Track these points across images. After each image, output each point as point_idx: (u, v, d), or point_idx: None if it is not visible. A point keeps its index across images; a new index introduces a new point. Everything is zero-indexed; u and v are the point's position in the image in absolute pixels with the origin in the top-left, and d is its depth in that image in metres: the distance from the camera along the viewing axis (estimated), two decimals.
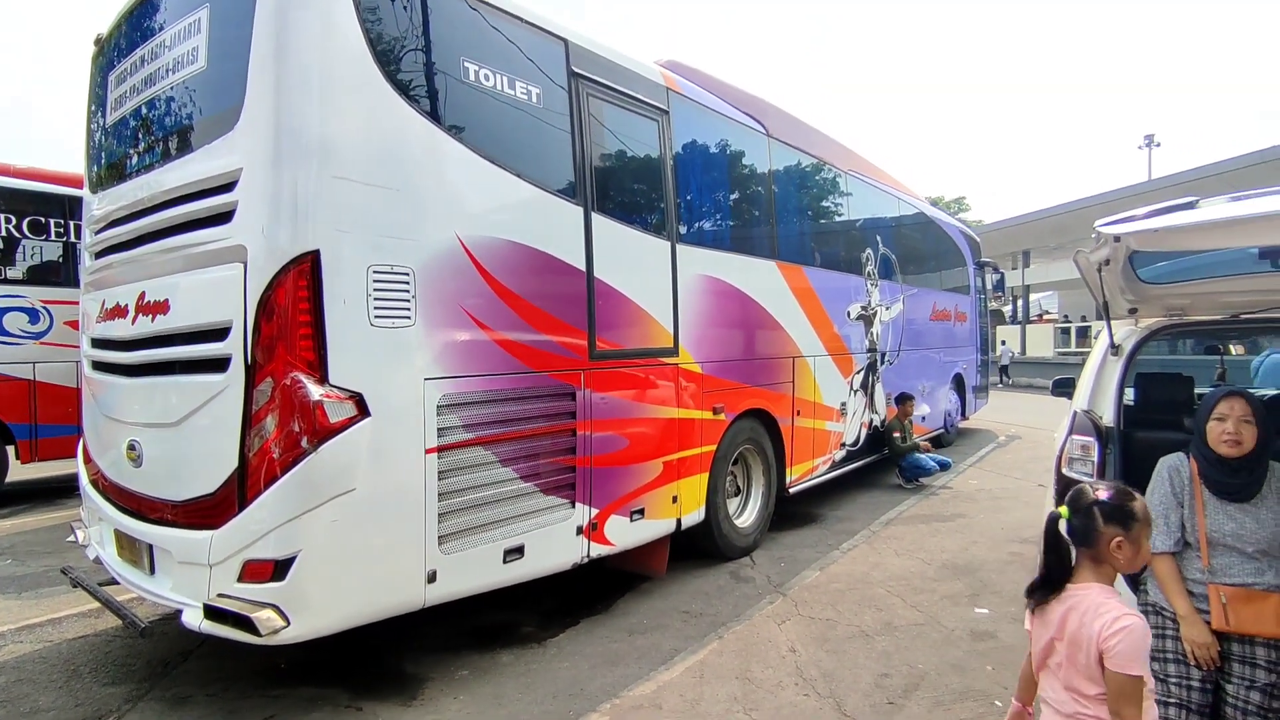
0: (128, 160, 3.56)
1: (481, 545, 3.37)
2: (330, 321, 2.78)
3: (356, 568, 2.90)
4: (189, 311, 3.03)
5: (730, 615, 4.30)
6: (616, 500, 4.18)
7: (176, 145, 3.21)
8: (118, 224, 3.55)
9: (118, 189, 3.58)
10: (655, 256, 4.51)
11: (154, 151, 3.34)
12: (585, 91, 4.05)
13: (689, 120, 4.94)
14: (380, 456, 2.93)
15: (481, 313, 3.36)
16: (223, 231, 2.87)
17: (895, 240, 8.43)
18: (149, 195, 3.27)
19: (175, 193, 3.10)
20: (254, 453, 2.75)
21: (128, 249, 3.46)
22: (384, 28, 3.03)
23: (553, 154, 3.86)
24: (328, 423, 2.74)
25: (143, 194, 3.32)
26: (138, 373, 3.36)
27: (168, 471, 3.17)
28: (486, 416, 3.38)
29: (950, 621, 4.13)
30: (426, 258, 3.13)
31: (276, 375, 2.72)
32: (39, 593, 4.78)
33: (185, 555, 2.96)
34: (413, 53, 3.17)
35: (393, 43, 3.06)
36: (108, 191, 3.70)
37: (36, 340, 7.46)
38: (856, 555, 5.43)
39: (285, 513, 2.70)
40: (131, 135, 3.55)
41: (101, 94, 3.85)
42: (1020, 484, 7.89)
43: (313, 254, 2.74)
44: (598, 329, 3.99)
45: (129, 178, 3.50)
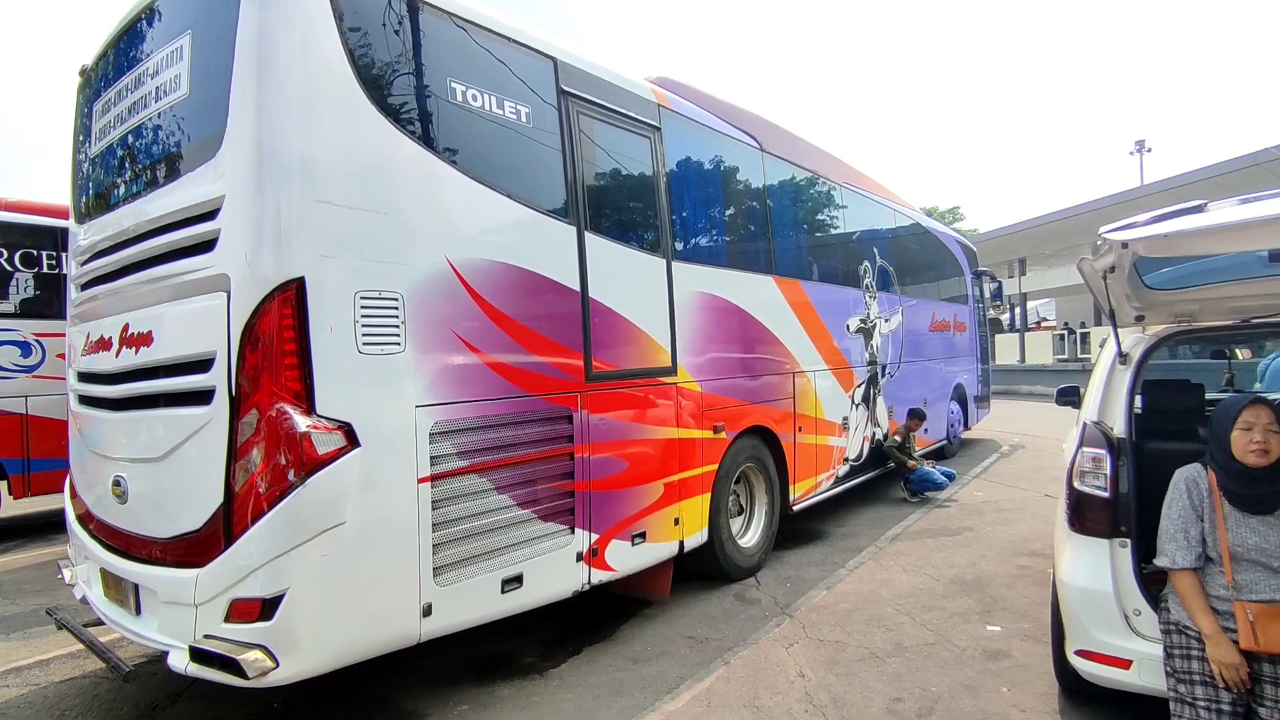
0: (112, 190, 3.51)
1: (478, 576, 3.27)
2: (317, 350, 2.70)
3: (348, 604, 2.80)
4: (172, 343, 2.96)
5: (737, 639, 4.18)
6: (617, 524, 4.08)
7: (160, 174, 3.15)
8: (102, 255, 3.49)
9: (103, 219, 3.52)
10: (650, 275, 4.45)
11: (138, 181, 3.29)
12: (575, 110, 4.01)
13: (681, 136, 4.91)
14: (371, 488, 2.84)
15: (474, 337, 3.28)
16: (205, 260, 2.81)
17: (892, 252, 8.39)
18: (133, 225, 3.21)
19: (158, 222, 3.04)
20: (240, 487, 2.66)
21: (112, 280, 3.39)
22: (368, 48, 2.98)
23: (543, 173, 3.81)
24: (315, 454, 2.66)
25: (127, 224, 3.26)
26: (122, 407, 3.28)
27: (153, 508, 3.07)
28: (481, 443, 3.30)
29: (961, 640, 4.02)
30: (416, 282, 3.06)
31: (261, 407, 2.64)
32: (28, 633, 4.66)
33: (171, 595, 2.86)
34: (398, 73, 3.12)
35: (377, 63, 3.02)
36: (93, 222, 3.64)
37: (29, 374, 7.38)
38: (863, 573, 5.32)
39: (272, 549, 2.61)
40: (116, 165, 3.49)
41: (86, 124, 3.80)
42: (1026, 495, 7.78)
43: (297, 281, 2.67)
44: (594, 350, 3.92)
45: (114, 208, 3.44)
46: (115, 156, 3.50)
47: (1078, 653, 2.72)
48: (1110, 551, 2.67)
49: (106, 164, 3.58)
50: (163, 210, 3.03)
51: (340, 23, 2.86)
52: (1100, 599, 2.64)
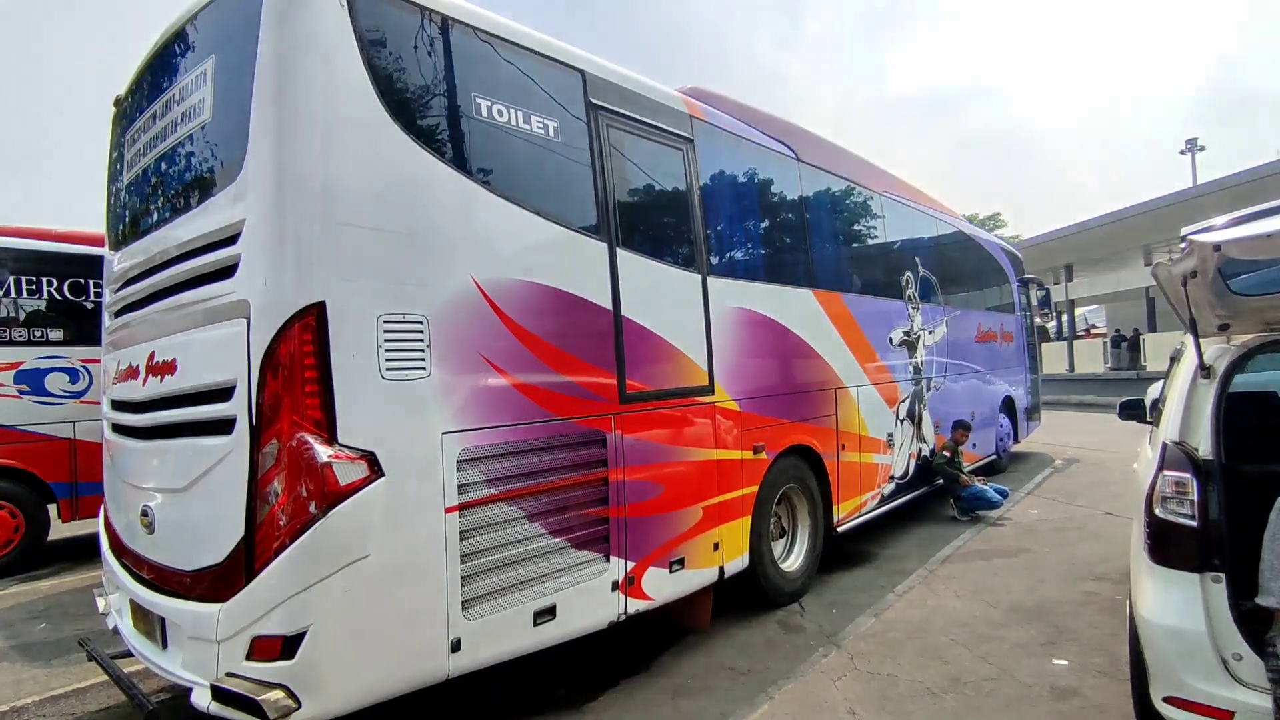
0: (142, 217, 3.50)
1: (509, 608, 3.13)
2: (338, 376, 2.61)
3: (373, 640, 2.68)
4: (195, 371, 2.91)
5: (781, 672, 3.96)
6: (654, 551, 3.91)
7: (185, 200, 3.12)
8: (132, 282, 3.48)
9: (133, 246, 3.51)
10: (685, 291, 4.30)
11: (165, 207, 3.27)
12: (605, 123, 3.89)
13: (715, 148, 4.76)
14: (396, 519, 2.73)
15: (502, 359, 3.17)
16: (226, 286, 2.74)
17: (935, 261, 8.10)
18: (159, 251, 3.18)
19: (182, 248, 3.01)
20: (261, 519, 2.57)
21: (141, 307, 3.37)
22: (390, 66, 2.91)
23: (573, 189, 3.69)
24: (337, 485, 2.56)
25: (154, 250, 3.23)
26: (149, 435, 3.24)
27: (178, 539, 3.01)
28: (511, 469, 3.17)
29: (1025, 675, 3.74)
30: (441, 304, 2.96)
31: (282, 436, 2.55)
32: (68, 660, 4.66)
33: (194, 630, 2.78)
34: (421, 90, 3.04)
35: (399, 81, 2.94)
36: (125, 249, 3.63)
37: (77, 399, 7.53)
38: (914, 599, 5.04)
39: (294, 584, 2.51)
40: (145, 192, 3.49)
41: (120, 152, 3.82)
42: (1086, 513, 7.37)
43: (318, 306, 2.59)
44: (628, 370, 3.77)
45: (143, 235, 3.43)
46: (144, 183, 3.49)
47: (1167, 700, 2.46)
48: (1201, 587, 2.41)
49: (136, 191, 3.58)
50: (186, 236, 2.99)
51: (360, 40, 2.79)
52: (1192, 640, 2.37)
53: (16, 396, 7.17)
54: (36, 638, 5.11)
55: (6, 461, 7.07)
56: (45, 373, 7.41)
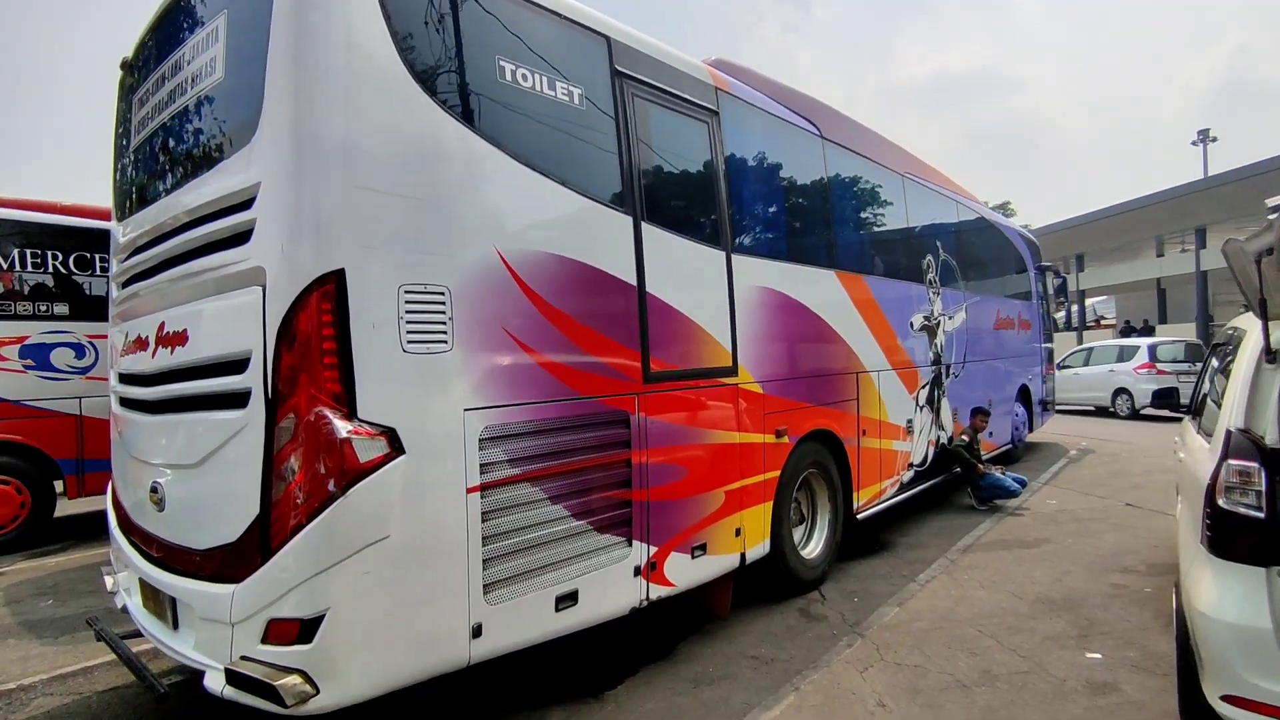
0: (150, 184, 3.36)
1: (531, 593, 3.02)
2: (358, 349, 2.48)
3: (392, 625, 2.57)
4: (207, 342, 2.78)
5: (805, 661, 3.86)
6: (676, 536, 3.79)
7: (196, 164, 2.98)
8: (140, 250, 3.35)
9: (140, 215, 3.38)
10: (710, 269, 4.15)
11: (174, 172, 3.13)
12: (630, 92, 3.73)
13: (740, 122, 4.60)
14: (416, 498, 2.61)
15: (525, 334, 3.04)
16: (240, 253, 2.61)
17: (955, 246, 7.93)
18: (169, 219, 3.05)
19: (193, 214, 2.87)
20: (277, 497, 2.45)
21: (149, 277, 3.24)
22: (412, 25, 2.75)
23: (598, 160, 3.54)
24: (356, 462, 2.43)
25: (163, 218, 3.10)
26: (159, 409, 3.12)
27: (190, 517, 2.90)
28: (534, 449, 3.05)
29: (1058, 669, 3.62)
30: (463, 275, 2.82)
31: (299, 410, 2.42)
32: (75, 637, 4.58)
33: (207, 611, 2.67)
34: (444, 52, 2.89)
35: (422, 41, 2.79)
36: (132, 218, 3.50)
37: (83, 375, 7.44)
38: (937, 588, 4.93)
39: (311, 566, 2.39)
40: (153, 157, 3.35)
41: (126, 118, 3.68)
42: (1106, 504, 7.24)
43: (337, 274, 2.46)
44: (651, 349, 3.64)
45: (151, 202, 3.29)
46: (152, 149, 3.35)
47: (1225, 698, 2.34)
48: (1268, 582, 2.28)
49: (144, 157, 3.44)
50: (197, 201, 2.85)
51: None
52: (1257, 638, 2.25)
53: (22, 371, 7.07)
54: (43, 614, 5.04)
55: (12, 437, 6.98)
56: (51, 348, 7.31)
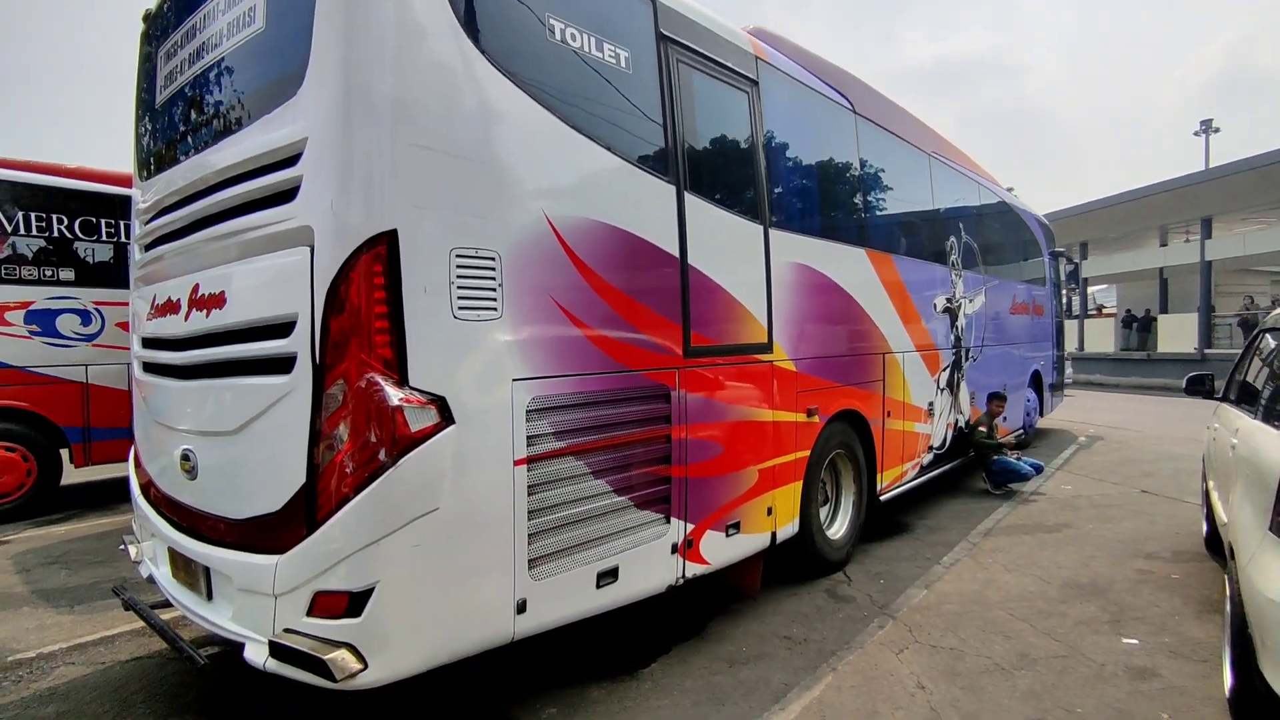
0: (180, 141, 3.23)
1: (574, 569, 2.96)
2: (409, 313, 2.38)
3: (441, 600, 2.50)
4: (248, 305, 2.67)
5: (839, 642, 3.82)
6: (713, 514, 3.73)
7: (233, 119, 2.85)
8: (169, 211, 3.22)
9: (169, 173, 3.25)
10: (749, 242, 4.06)
11: (209, 128, 3.00)
12: (675, 57, 3.61)
13: (778, 93, 4.47)
14: (466, 470, 2.53)
15: (573, 304, 2.94)
16: (285, 211, 2.50)
17: (976, 228, 7.83)
18: (203, 176, 2.92)
19: (232, 171, 2.75)
20: (324, 466, 2.37)
21: (179, 238, 3.12)
22: None
23: (643, 126, 3.43)
24: (408, 431, 2.35)
25: (196, 176, 2.97)
26: (191, 375, 3.02)
27: (226, 485, 2.81)
28: (579, 422, 2.97)
29: (1095, 654, 3.59)
30: (513, 240, 2.72)
31: (349, 377, 2.33)
32: (92, 606, 4.52)
33: (247, 582, 2.59)
34: (496, 5, 2.76)
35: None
36: (159, 177, 3.37)
37: (89, 342, 7.32)
38: (962, 571, 4.90)
39: (361, 537, 2.32)
40: (184, 113, 3.21)
41: (151, 72, 3.53)
42: (1121, 490, 7.23)
43: (389, 234, 2.35)
44: (692, 323, 3.55)
45: (181, 160, 3.17)
46: (183, 104, 3.22)
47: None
48: None
49: (173, 113, 3.30)
50: (235, 158, 2.73)
51: None
52: None
53: (27, 337, 6.94)
54: (56, 583, 4.96)
55: (17, 403, 6.87)
56: (56, 314, 7.18)
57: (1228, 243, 22.09)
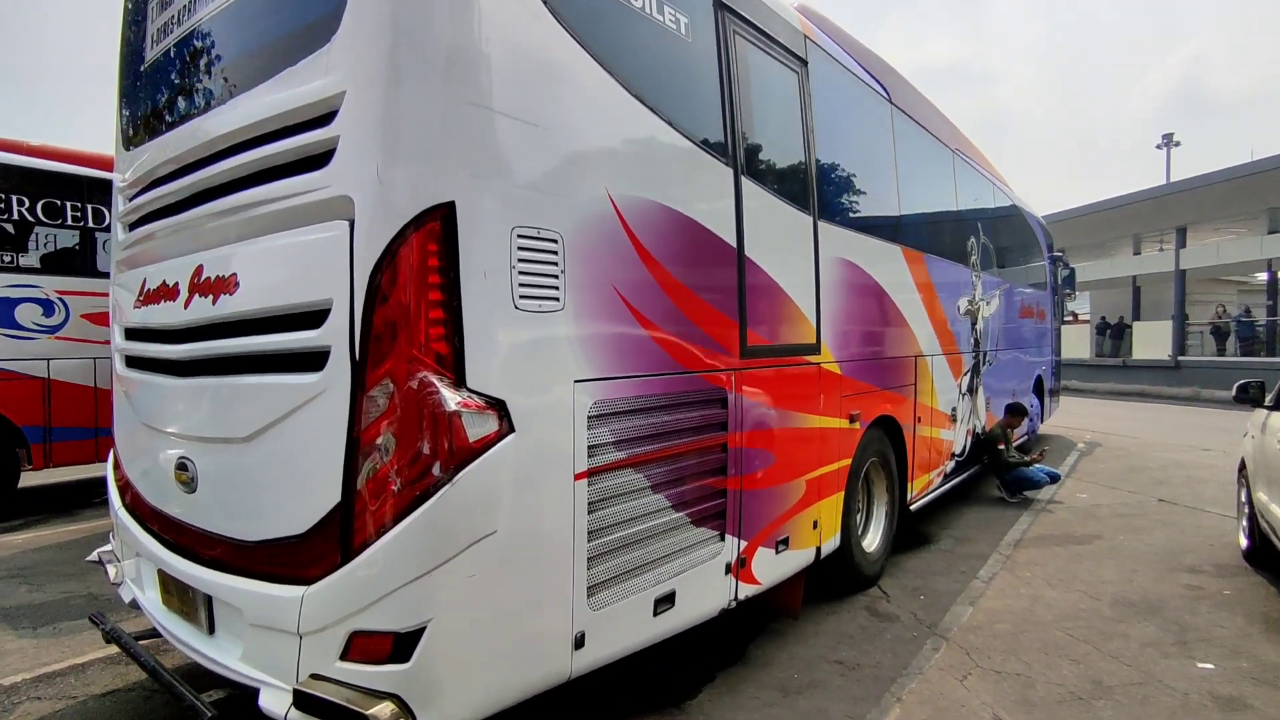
0: (177, 102, 2.81)
1: (633, 595, 2.61)
2: (468, 302, 2.02)
3: (496, 637, 2.14)
4: (267, 289, 2.27)
5: (895, 667, 3.53)
6: (765, 529, 3.41)
7: (247, 73, 2.45)
8: (162, 183, 2.80)
9: (162, 140, 2.83)
10: (800, 234, 3.75)
11: (215, 86, 2.59)
12: (731, 28, 3.28)
13: (825, 76, 4.17)
14: (526, 486, 2.18)
15: (635, 295, 2.60)
16: (316, 179, 2.11)
17: (992, 229, 7.64)
18: (207, 141, 2.51)
19: (246, 133, 2.34)
20: (364, 482, 1.99)
21: (176, 213, 2.71)
22: None
23: (701, 100, 3.10)
24: (466, 441, 1.98)
25: (199, 140, 2.56)
26: (192, 371, 2.60)
27: (234, 501, 2.41)
28: (640, 429, 2.62)
29: (1174, 680, 3.35)
30: (575, 220, 2.37)
31: (397, 376, 1.96)
32: (58, 628, 4.04)
33: (262, 617, 2.20)
34: None
35: None
36: (149, 145, 2.95)
37: (51, 335, 6.76)
38: (1004, 586, 4.65)
39: (410, 568, 1.94)
40: (182, 70, 2.80)
41: (139, 24, 3.10)
42: (1139, 499, 7.08)
43: (446, 207, 1.98)
44: (749, 321, 3.23)
45: (180, 123, 2.75)
46: (180, 59, 2.80)
47: None
48: None
49: (167, 70, 2.88)
50: (252, 117, 2.33)
51: None
52: None
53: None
54: (16, 599, 4.47)
55: None
56: (14, 303, 6.61)
57: (1202, 252, 22.48)
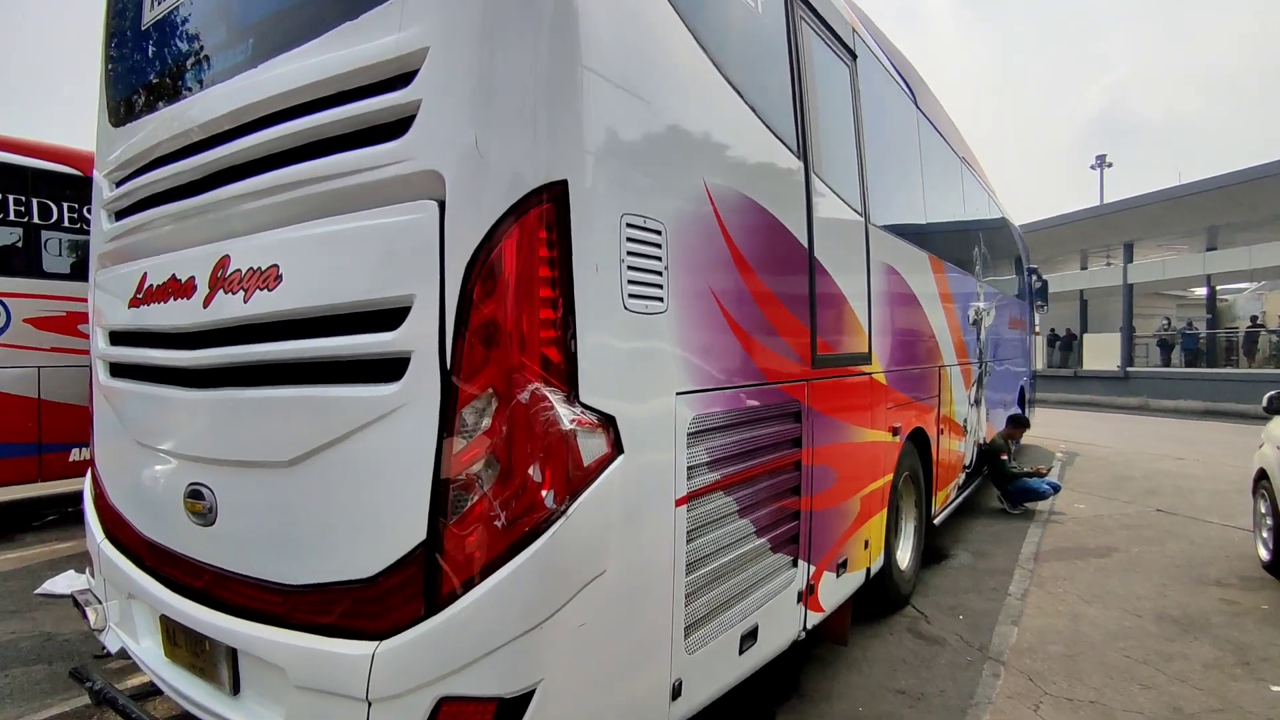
0: (188, 68, 2.41)
1: (723, 633, 2.32)
2: (581, 300, 1.70)
3: (602, 697, 1.82)
4: (322, 284, 1.90)
5: (960, 696, 3.31)
6: (829, 552, 3.16)
7: (286, 31, 2.08)
8: (167, 161, 2.40)
9: (168, 112, 2.42)
10: (855, 236, 3.53)
11: (242, 48, 2.20)
12: (798, 14, 3.04)
13: (868, 73, 3.97)
14: (633, 515, 1.87)
15: (727, 296, 2.32)
16: (390, 151, 1.76)
17: (989, 240, 7.62)
18: (237, 109, 2.11)
19: (294, 98, 1.97)
20: (459, 516, 1.64)
21: (189, 195, 2.30)
22: None
23: (776, 89, 2.84)
24: (582, 466, 1.67)
25: (224, 109, 2.16)
26: (210, 381, 2.20)
27: (269, 537, 2.02)
28: (730, 447, 2.34)
29: (1254, 706, 3.22)
30: (676, 211, 2.08)
31: (501, 387, 1.63)
32: (8, 677, 3.51)
33: (314, 677, 1.82)
34: None
35: None
36: (148, 118, 2.53)
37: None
38: (1041, 604, 4.50)
39: (521, 617, 1.61)
40: (196, 30, 2.40)
41: None
42: (1137, 509, 7.10)
43: (558, 187, 1.67)
44: (819, 328, 2.98)
45: (192, 92, 2.36)
46: (195, 17, 2.41)
47: None
48: None
49: (177, 30, 2.48)
50: (301, 80, 1.95)
51: None
52: None
53: None
54: None
55: None
56: None
57: (1148, 267, 23.41)
